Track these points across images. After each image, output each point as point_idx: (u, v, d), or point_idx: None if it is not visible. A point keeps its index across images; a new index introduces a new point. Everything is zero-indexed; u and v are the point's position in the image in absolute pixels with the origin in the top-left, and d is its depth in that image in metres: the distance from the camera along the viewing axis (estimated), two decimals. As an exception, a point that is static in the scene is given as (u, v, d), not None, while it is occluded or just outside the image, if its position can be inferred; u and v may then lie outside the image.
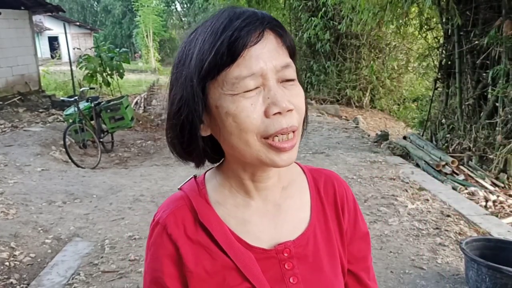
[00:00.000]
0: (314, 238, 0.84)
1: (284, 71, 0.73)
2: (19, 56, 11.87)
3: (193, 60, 0.73)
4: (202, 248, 0.80)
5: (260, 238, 0.82)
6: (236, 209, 0.83)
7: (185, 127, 0.77)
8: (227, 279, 0.79)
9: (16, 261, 3.80)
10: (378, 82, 12.57)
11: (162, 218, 0.82)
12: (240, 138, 0.73)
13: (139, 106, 13.20)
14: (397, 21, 7.41)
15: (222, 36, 0.70)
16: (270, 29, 0.73)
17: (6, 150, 6.81)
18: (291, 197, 0.86)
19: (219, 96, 0.72)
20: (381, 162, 6.13)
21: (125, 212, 4.71)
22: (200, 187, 0.85)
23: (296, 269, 0.81)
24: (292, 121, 0.72)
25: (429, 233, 3.84)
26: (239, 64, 0.70)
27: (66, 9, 32.30)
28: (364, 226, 0.92)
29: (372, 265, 0.94)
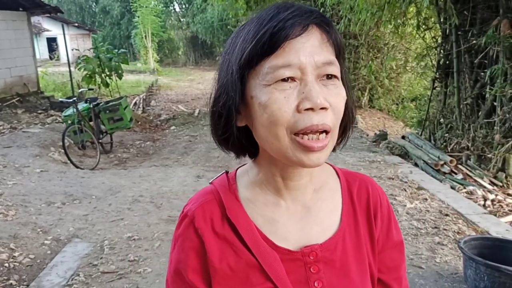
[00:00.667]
0: (343, 243, 0.82)
1: (326, 68, 0.71)
2: (17, 57, 11.87)
3: (237, 48, 0.74)
4: (228, 244, 0.80)
5: (287, 238, 0.81)
6: (265, 207, 0.82)
7: (222, 115, 0.77)
8: (250, 278, 0.78)
9: (15, 262, 3.80)
10: (377, 82, 12.58)
11: (191, 210, 0.82)
12: (270, 131, 0.72)
13: (138, 106, 13.22)
14: (395, 21, 7.43)
15: (266, 27, 0.70)
16: (317, 24, 0.72)
17: (5, 152, 6.81)
18: (322, 200, 0.84)
19: (255, 86, 0.72)
20: (380, 161, 6.14)
21: (124, 212, 4.71)
22: (231, 182, 0.85)
23: (322, 274, 0.79)
24: (325, 119, 0.70)
25: (427, 232, 3.86)
26: (277, 55, 0.70)
27: (65, 10, 32.27)
28: (398, 235, 0.89)
29: (406, 275, 0.91)
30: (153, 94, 16.84)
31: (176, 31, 36.95)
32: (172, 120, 11.55)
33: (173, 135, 9.78)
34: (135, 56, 35.28)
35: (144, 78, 21.62)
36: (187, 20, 35.22)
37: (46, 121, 9.81)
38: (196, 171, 6.21)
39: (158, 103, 14.79)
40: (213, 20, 30.79)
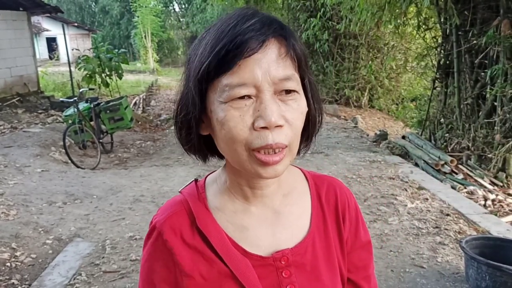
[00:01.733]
0: (313, 246, 0.83)
1: (283, 83, 0.70)
2: (17, 57, 11.87)
3: (196, 60, 0.73)
4: (199, 254, 0.80)
5: (258, 245, 0.81)
6: (235, 215, 0.82)
7: (183, 126, 0.78)
8: (223, 286, 0.78)
9: (17, 261, 3.81)
10: (377, 82, 12.59)
11: (159, 222, 0.82)
12: (229, 146, 0.73)
13: (138, 106, 13.22)
14: (396, 21, 7.44)
15: (223, 41, 0.69)
16: (275, 37, 0.71)
17: (5, 151, 6.80)
18: (291, 204, 0.85)
19: (214, 101, 0.72)
20: (380, 161, 6.15)
21: (126, 212, 4.71)
22: (200, 191, 0.85)
23: (294, 278, 0.80)
24: (280, 137, 0.70)
25: (429, 232, 3.86)
26: (233, 73, 0.69)
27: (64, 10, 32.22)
28: (365, 236, 0.91)
29: (374, 273, 0.93)
30: (153, 94, 16.83)
31: (175, 31, 37.00)
32: (172, 120, 11.50)
33: (173, 135, 9.66)
34: (134, 56, 35.29)
35: (144, 78, 21.63)
36: (186, 20, 35.25)
37: (47, 120, 9.81)
38: (197, 171, 6.21)
39: (158, 103, 14.79)
40: (213, 20, 30.25)
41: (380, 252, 3.53)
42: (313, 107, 0.80)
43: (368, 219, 4.15)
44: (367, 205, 4.50)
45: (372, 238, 3.27)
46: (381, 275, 3.20)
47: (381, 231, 3.90)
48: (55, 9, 13.10)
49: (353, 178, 5.33)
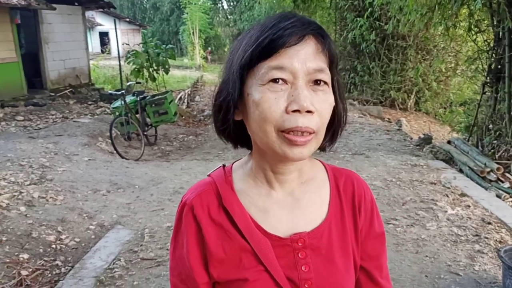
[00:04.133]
0: (329, 232, 0.89)
1: (317, 74, 0.78)
2: (71, 50, 12.39)
3: (240, 50, 0.82)
4: (223, 231, 0.87)
5: (277, 227, 0.87)
6: (258, 198, 0.88)
7: (221, 109, 0.85)
8: (243, 261, 0.85)
9: (62, 244, 4.01)
10: (424, 85, 12.28)
11: (189, 199, 0.89)
12: (260, 127, 0.78)
13: (183, 101, 13.46)
14: (446, 23, 7.23)
15: (266, 33, 0.77)
16: (313, 34, 0.79)
17: (56, 140, 7.13)
18: (311, 192, 0.90)
19: (252, 85, 0.79)
20: (423, 165, 6.01)
21: (165, 203, 4.85)
22: (227, 175, 0.92)
23: (309, 259, 0.86)
24: (310, 123, 0.76)
25: (468, 239, 3.76)
26: (273, 59, 0.76)
27: (117, 5, 33.27)
28: (379, 227, 0.95)
29: (386, 264, 0.97)
30: (198, 89, 17.09)
31: (223, 28, 37.35)
32: (215, 114, 11.70)
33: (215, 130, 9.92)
34: (182, 52, 35.91)
35: (189, 74, 22.00)
36: (234, 17, 35.54)
37: (96, 112, 10.19)
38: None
39: (202, 98, 15.02)
40: (260, 18, 30.83)
41: (415, 256, 3.48)
42: (340, 105, 0.86)
43: (405, 223, 4.09)
44: (405, 209, 4.42)
45: (407, 242, 3.23)
46: (415, 280, 3.15)
47: (418, 235, 3.83)
48: (108, 4, 13.55)
49: (393, 181, 5.24)
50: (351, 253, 0.90)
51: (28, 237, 4.00)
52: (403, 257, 3.47)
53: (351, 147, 7.26)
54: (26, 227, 4.13)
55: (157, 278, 3.30)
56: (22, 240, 3.94)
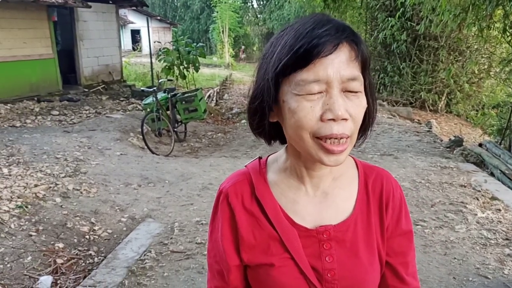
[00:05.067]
0: (354, 226, 0.92)
1: (350, 83, 0.80)
2: (105, 47, 12.69)
3: (274, 56, 0.84)
4: (254, 219, 0.93)
5: (305, 218, 0.92)
6: (289, 190, 0.94)
7: (257, 112, 0.90)
8: (271, 248, 0.91)
9: (95, 235, 4.15)
10: (456, 86, 12.06)
11: (226, 188, 0.97)
12: (296, 133, 0.82)
13: (212, 99, 13.60)
14: (480, 24, 7.10)
15: (301, 41, 0.79)
16: (347, 41, 0.81)
17: (90, 134, 7.34)
18: (339, 188, 0.95)
19: (287, 93, 0.82)
20: (453, 168, 5.94)
21: (194, 198, 4.95)
22: (262, 167, 0.98)
23: (333, 250, 0.90)
24: (344, 129, 0.80)
25: (497, 243, 3.72)
26: (309, 70, 0.79)
27: (149, 3, 33.66)
28: (407, 225, 0.97)
29: (414, 262, 0.99)
30: (227, 88, 17.23)
31: (252, 27, 37.45)
32: (243, 114, 11.77)
33: (243, 128, 9.99)
34: (211, 50, 36.18)
35: (218, 72, 22.18)
36: (264, 16, 35.57)
37: (127, 108, 10.40)
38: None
39: (230, 97, 15.13)
40: (290, 17, 30.82)
41: (443, 258, 3.46)
42: (371, 105, 0.89)
43: (433, 225, 4.07)
44: (434, 211, 4.39)
45: (436, 244, 3.22)
46: (442, 282, 3.15)
47: (446, 238, 3.81)
48: (141, 2, 13.80)
49: (422, 183, 5.20)
50: (376, 248, 0.93)
51: (63, 227, 4.16)
52: (431, 259, 3.46)
53: (380, 147, 7.21)
54: (62, 218, 4.29)
55: (187, 270, 3.39)
56: (58, 230, 4.10)
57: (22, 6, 9.76)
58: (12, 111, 9.16)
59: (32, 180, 5.04)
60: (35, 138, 6.82)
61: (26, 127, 7.95)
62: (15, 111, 9.24)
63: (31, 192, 4.70)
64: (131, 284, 3.22)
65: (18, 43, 10.00)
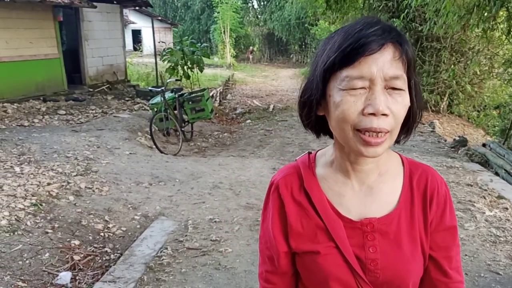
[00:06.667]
0: (398, 220, 0.97)
1: (393, 81, 0.85)
2: (109, 47, 12.75)
3: (324, 54, 0.91)
4: (302, 209, 1.00)
5: (350, 210, 0.98)
6: (335, 184, 1.00)
7: (306, 105, 0.98)
8: (318, 237, 0.98)
9: (109, 232, 4.21)
10: (458, 87, 12.13)
11: (277, 180, 1.05)
12: (339, 125, 0.89)
13: (215, 99, 13.67)
14: (484, 25, 7.18)
15: (349, 41, 0.85)
16: (392, 42, 0.86)
17: (98, 133, 7.39)
18: (384, 183, 0.99)
19: (333, 88, 0.89)
20: (458, 167, 6.02)
21: (205, 197, 5.01)
22: (311, 161, 1.05)
23: (377, 242, 0.95)
24: (384, 124, 0.85)
25: (507, 240, 3.79)
26: (354, 67, 0.85)
27: (150, 3, 33.74)
28: (451, 221, 1.00)
29: (458, 257, 1.02)
30: (229, 88, 17.31)
31: (253, 28, 37.51)
32: (247, 114, 11.86)
33: (248, 128, 10.07)
34: (212, 51, 36.24)
35: (220, 72, 22.25)
36: (264, 17, 35.63)
37: (133, 107, 10.45)
38: (272, 164, 6.41)
39: (233, 97, 15.20)
40: (290, 18, 30.97)
41: (454, 255, 3.53)
42: (415, 104, 0.94)
43: (443, 223, 4.14)
44: (443, 209, 4.47)
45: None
46: (455, 278, 3.22)
47: (456, 235, 3.88)
48: (145, 3, 13.84)
49: (429, 182, 5.27)
50: (419, 242, 0.97)
51: (78, 224, 4.23)
52: (442, 255, 3.53)
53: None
54: (76, 216, 4.36)
55: (203, 266, 3.46)
56: (73, 228, 4.17)
57: (29, 6, 9.82)
58: (19, 111, 9.22)
59: (45, 178, 5.11)
60: (44, 137, 6.88)
61: (34, 127, 8.01)
62: (22, 110, 9.30)
63: (44, 190, 4.77)
64: (150, 280, 3.28)
65: (24, 43, 10.06)
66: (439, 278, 1.00)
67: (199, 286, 3.20)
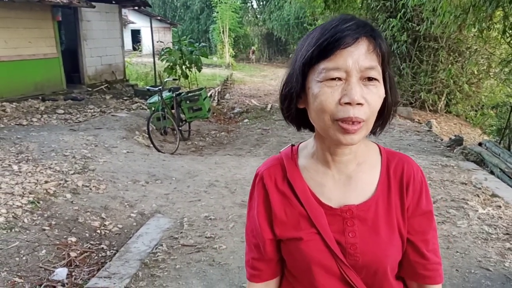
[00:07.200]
0: (375, 206, 1.02)
1: (368, 71, 0.90)
2: (108, 47, 12.78)
3: (303, 49, 0.96)
4: (285, 198, 1.06)
5: (330, 199, 1.04)
6: (316, 174, 1.06)
7: (286, 98, 1.03)
8: (300, 224, 1.03)
9: (106, 230, 4.26)
10: (455, 87, 12.17)
11: (261, 171, 1.11)
12: (318, 116, 0.94)
13: (213, 99, 13.70)
14: (480, 25, 7.22)
15: (326, 35, 0.91)
16: (366, 36, 0.92)
17: (96, 132, 7.43)
18: (362, 172, 1.05)
19: (312, 81, 0.94)
20: (453, 166, 6.06)
21: (201, 195, 5.06)
22: (293, 153, 1.11)
23: (356, 228, 1.01)
24: (359, 113, 0.90)
25: (498, 237, 3.84)
26: (331, 59, 0.90)
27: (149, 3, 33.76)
28: (427, 206, 1.05)
29: (435, 241, 1.07)
30: (228, 87, 17.35)
31: (252, 27, 37.54)
32: (245, 114, 11.90)
33: (246, 127, 10.11)
34: (211, 51, 36.26)
35: (219, 72, 22.29)
36: (263, 16, 35.65)
37: (131, 107, 10.49)
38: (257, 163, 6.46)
39: (232, 96, 15.24)
40: (289, 18, 31.01)
41: (446, 252, 3.58)
42: (389, 97, 1.00)
43: (436, 221, 4.16)
44: (436, 207, 4.51)
45: (439, 239, 3.33)
46: (446, 274, 3.26)
47: (448, 232, 3.93)
48: (144, 2, 13.88)
49: (423, 181, 5.30)
50: (396, 227, 1.02)
51: (75, 222, 4.27)
52: (433, 252, 3.57)
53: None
54: (73, 213, 4.40)
55: (198, 263, 3.50)
56: (70, 225, 4.21)
57: (28, 6, 9.86)
58: (18, 110, 9.26)
59: (42, 176, 5.15)
60: (42, 136, 6.92)
61: (32, 125, 8.05)
62: (21, 109, 9.34)
63: (42, 188, 4.81)
64: (144, 276, 3.32)
65: (23, 42, 10.10)
66: (417, 260, 1.05)
67: (193, 282, 3.24)
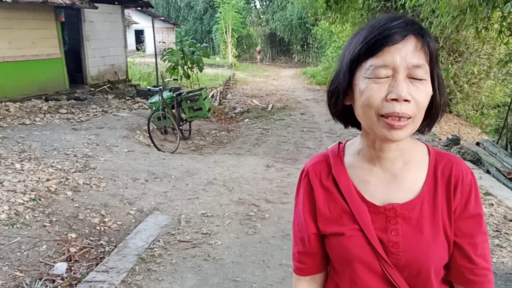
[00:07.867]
0: (420, 206, 1.01)
1: (415, 70, 0.91)
2: (111, 47, 12.89)
3: (351, 47, 0.98)
4: (330, 194, 1.08)
5: (374, 196, 1.04)
6: (361, 171, 1.07)
7: (333, 95, 1.05)
8: (343, 220, 1.05)
9: (105, 226, 4.36)
10: (456, 87, 12.21)
11: (307, 167, 1.14)
12: (364, 112, 0.95)
13: (215, 99, 13.79)
14: (478, 25, 7.27)
15: (374, 33, 0.92)
16: (414, 34, 0.92)
17: (98, 132, 7.55)
18: (409, 171, 1.04)
19: (359, 77, 0.96)
20: (449, 165, 6.12)
21: (199, 192, 5.16)
22: (340, 150, 1.14)
23: (399, 226, 1.00)
24: (406, 109, 0.90)
25: (489, 234, 3.91)
26: (378, 56, 0.91)
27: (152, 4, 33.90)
28: (476, 209, 1.02)
29: (484, 245, 1.02)
30: (230, 87, 17.42)
31: (255, 28, 37.63)
32: (246, 113, 11.99)
33: (246, 127, 10.20)
34: (214, 51, 36.36)
35: (222, 72, 22.36)
36: (266, 17, 35.77)
37: (133, 107, 10.59)
38: (266, 161, 6.55)
39: (234, 96, 15.32)
40: (292, 18, 31.09)
41: (435, 248, 3.65)
42: (437, 95, 0.99)
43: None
44: (429, 205, 4.58)
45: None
46: (434, 269, 3.33)
47: (439, 229, 4.00)
48: (147, 3, 13.96)
49: (418, 179, 5.38)
50: (442, 228, 1.00)
51: (75, 218, 4.38)
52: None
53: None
54: (73, 210, 4.50)
55: (193, 258, 3.60)
56: (70, 221, 4.31)
57: (31, 7, 9.99)
58: (21, 109, 9.38)
59: (44, 174, 5.25)
60: (45, 135, 7.03)
61: (35, 125, 8.16)
62: (24, 109, 9.46)
63: (43, 186, 4.91)
64: (141, 270, 3.42)
65: (27, 43, 10.22)
66: (464, 264, 1.01)
67: (188, 276, 3.34)
